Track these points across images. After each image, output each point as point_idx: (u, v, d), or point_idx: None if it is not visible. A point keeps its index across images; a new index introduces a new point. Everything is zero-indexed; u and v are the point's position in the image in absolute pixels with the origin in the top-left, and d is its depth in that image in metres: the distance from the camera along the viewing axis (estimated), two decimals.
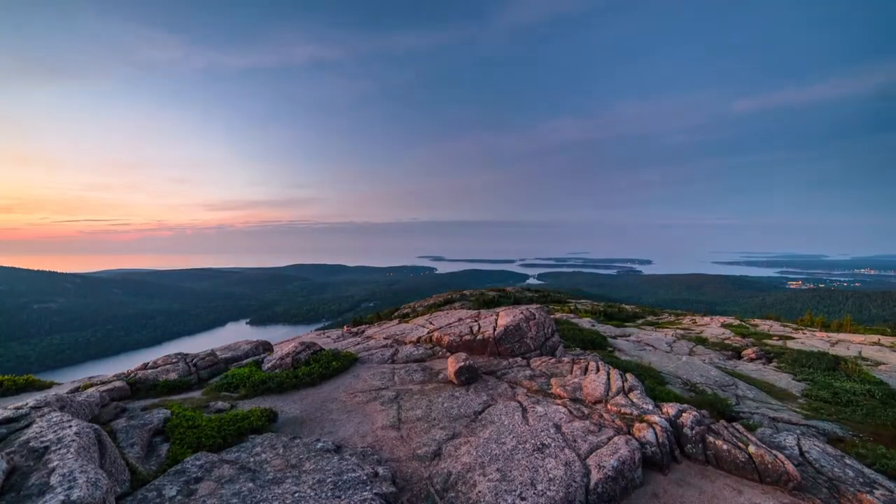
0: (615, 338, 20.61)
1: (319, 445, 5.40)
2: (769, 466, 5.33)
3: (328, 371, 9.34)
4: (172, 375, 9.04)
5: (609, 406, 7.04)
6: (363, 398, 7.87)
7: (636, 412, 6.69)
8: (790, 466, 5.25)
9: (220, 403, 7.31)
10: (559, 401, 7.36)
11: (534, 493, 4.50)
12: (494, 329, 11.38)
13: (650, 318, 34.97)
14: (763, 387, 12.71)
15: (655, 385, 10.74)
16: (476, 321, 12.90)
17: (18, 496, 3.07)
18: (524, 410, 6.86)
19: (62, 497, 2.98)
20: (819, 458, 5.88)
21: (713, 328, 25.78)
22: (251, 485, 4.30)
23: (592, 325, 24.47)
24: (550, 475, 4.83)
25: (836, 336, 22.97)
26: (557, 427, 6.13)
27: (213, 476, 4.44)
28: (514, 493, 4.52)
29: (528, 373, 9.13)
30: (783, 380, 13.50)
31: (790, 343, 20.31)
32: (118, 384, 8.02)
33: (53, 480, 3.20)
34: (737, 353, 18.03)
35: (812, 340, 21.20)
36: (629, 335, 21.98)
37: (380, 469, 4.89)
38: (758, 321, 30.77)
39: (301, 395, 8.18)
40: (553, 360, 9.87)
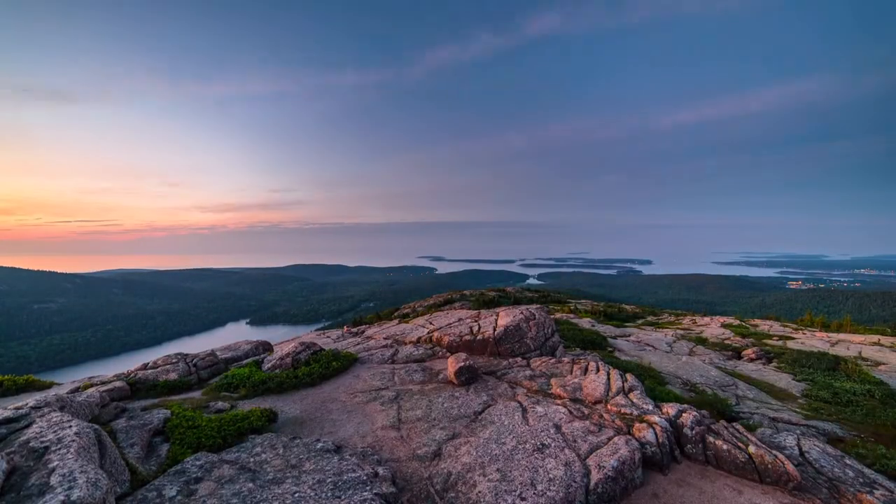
0: (615, 338, 20.61)
1: (319, 446, 5.40)
2: (769, 466, 5.33)
3: (328, 371, 9.35)
4: (172, 376, 9.04)
5: (609, 406, 7.04)
6: (363, 398, 7.87)
7: (636, 412, 6.69)
8: (790, 466, 5.25)
9: (220, 403, 7.31)
10: (559, 401, 7.36)
11: (534, 494, 4.50)
12: (494, 329, 11.38)
13: (650, 319, 34.96)
14: (763, 387, 12.71)
15: (655, 385, 10.74)
16: (476, 321, 12.89)
17: (18, 496, 3.07)
18: (524, 410, 6.86)
19: (62, 497, 2.98)
20: (819, 459, 5.87)
21: (713, 328, 25.77)
22: (251, 485, 4.29)
23: (592, 326, 24.47)
24: (550, 475, 4.83)
25: (836, 336, 22.96)
26: (557, 427, 6.13)
27: (213, 476, 4.44)
28: (514, 494, 4.52)
29: (529, 373, 9.13)
30: (783, 380, 13.50)
31: (790, 343, 20.31)
32: (118, 384, 8.02)
33: (53, 480, 3.20)
34: (737, 354, 18.02)
35: (812, 341, 21.19)
36: (629, 335, 21.97)
37: (380, 469, 4.89)
38: (758, 321, 30.76)
39: (301, 396, 8.18)
40: (553, 361, 9.87)
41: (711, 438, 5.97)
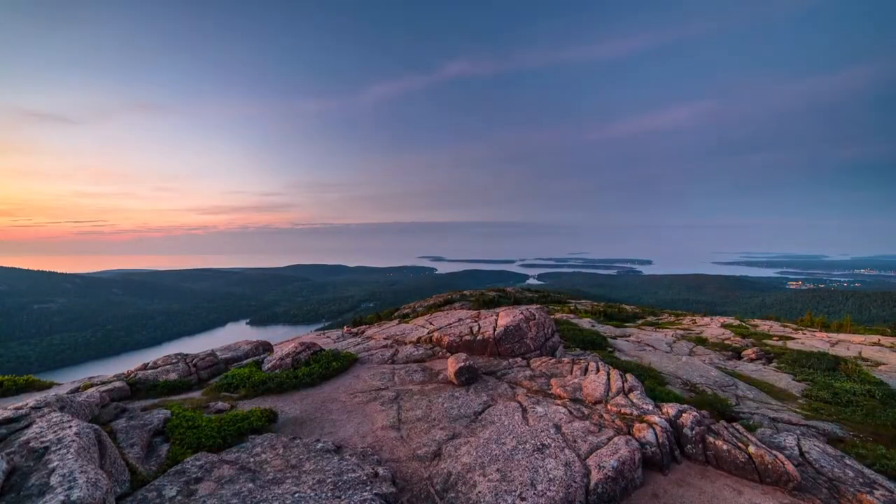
0: (615, 338, 20.61)
1: (319, 446, 5.40)
2: (769, 467, 5.33)
3: (328, 371, 9.35)
4: (172, 376, 9.04)
5: (609, 406, 7.04)
6: (363, 398, 7.87)
7: (636, 412, 6.69)
8: (790, 467, 5.25)
9: (220, 404, 7.31)
10: (559, 401, 7.36)
11: (534, 494, 4.50)
12: (494, 329, 11.38)
13: (650, 319, 34.97)
14: (763, 387, 12.71)
15: (655, 385, 10.74)
16: (476, 321, 12.90)
17: (18, 496, 3.07)
18: (524, 411, 6.86)
19: (62, 497, 2.98)
20: (819, 459, 5.87)
21: (713, 328, 25.77)
22: (251, 485, 4.29)
23: (592, 326, 24.47)
24: (550, 475, 4.83)
25: (836, 336, 22.96)
26: (557, 427, 6.13)
27: (213, 476, 4.44)
28: (514, 494, 4.52)
29: (529, 373, 9.13)
30: (783, 380, 13.50)
31: (790, 343, 20.31)
32: (118, 384, 8.02)
33: (53, 481, 3.20)
34: (737, 354, 18.02)
35: (812, 341, 21.19)
36: (629, 335, 21.97)
37: (380, 469, 4.89)
38: (758, 321, 30.76)
39: (301, 396, 8.18)
40: (553, 361, 9.87)
41: (711, 438, 5.97)
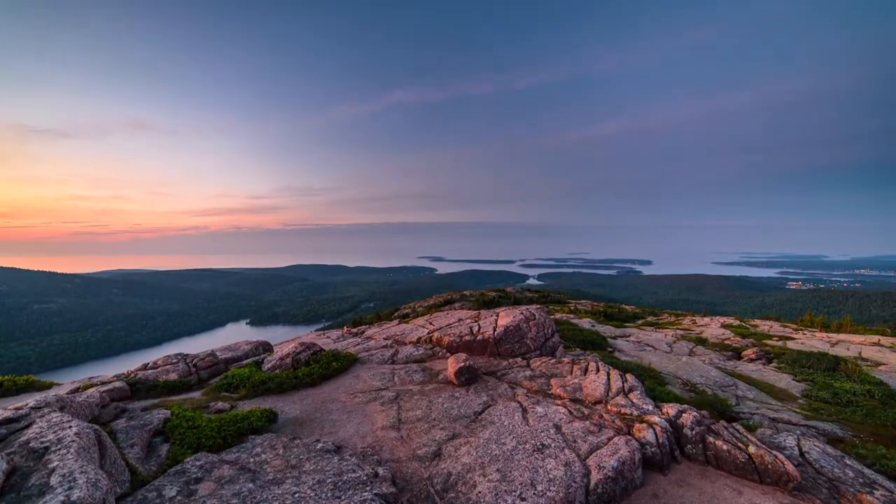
0: (615, 338, 20.61)
1: (319, 446, 5.40)
2: (769, 467, 5.33)
3: (328, 371, 9.34)
4: (172, 376, 9.04)
5: (609, 406, 7.04)
6: (363, 399, 7.87)
7: (636, 413, 6.69)
8: (790, 467, 5.25)
9: (220, 404, 7.31)
10: (559, 401, 7.36)
11: (534, 494, 4.50)
12: (494, 329, 11.38)
13: (650, 319, 34.97)
14: (763, 387, 12.71)
15: (655, 385, 10.74)
16: (476, 322, 12.90)
17: (18, 496, 3.07)
18: (524, 411, 6.86)
19: (62, 497, 2.98)
20: (819, 459, 5.87)
21: (713, 329, 25.77)
22: (251, 485, 4.29)
23: (592, 326, 24.47)
24: (550, 476, 4.83)
25: (836, 336, 22.96)
26: (557, 427, 6.13)
27: (213, 476, 4.44)
28: (514, 494, 4.52)
29: (529, 373, 9.13)
30: (783, 380, 13.50)
31: (790, 343, 20.31)
32: (118, 385, 8.02)
33: (53, 481, 3.20)
34: (737, 354, 18.02)
35: (812, 341, 21.19)
36: (629, 336, 21.97)
37: (380, 469, 4.89)
38: (758, 322, 30.77)
39: (301, 396, 8.18)
40: (553, 361, 9.87)
41: (711, 439, 5.97)
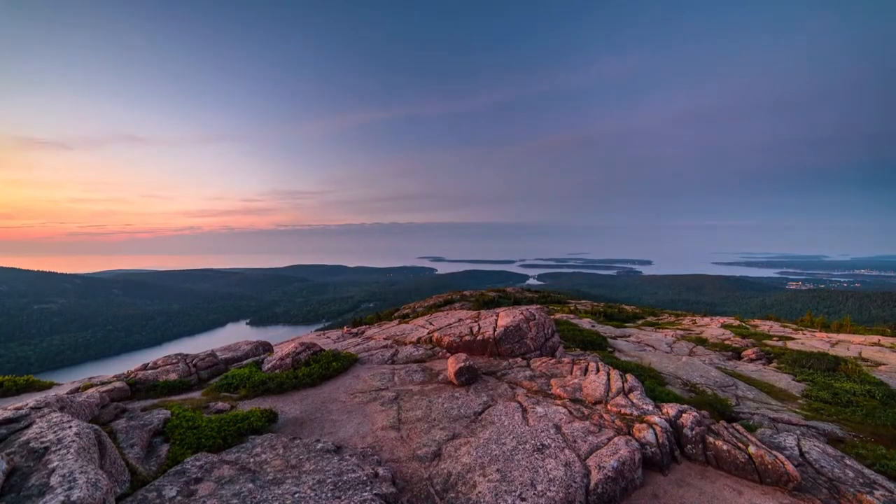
0: (615, 338, 20.61)
1: (319, 446, 5.40)
2: (769, 467, 5.33)
3: (328, 372, 9.34)
4: (172, 376, 9.04)
5: (609, 407, 7.04)
6: (363, 399, 7.87)
7: (636, 413, 6.69)
8: (790, 467, 5.25)
9: (220, 404, 7.31)
10: (559, 401, 7.36)
11: (534, 494, 4.50)
12: (494, 329, 11.38)
13: (650, 319, 34.98)
14: (763, 387, 12.71)
15: (655, 386, 10.74)
16: (476, 322, 12.89)
17: (18, 497, 3.07)
18: (524, 411, 6.86)
19: (62, 497, 2.98)
20: (819, 459, 5.87)
21: (713, 329, 25.77)
22: (251, 485, 4.29)
23: (592, 326, 24.48)
24: (550, 476, 4.83)
25: (836, 336, 22.96)
26: (557, 427, 6.13)
27: (213, 476, 4.44)
28: (514, 494, 4.52)
29: (529, 373, 9.13)
30: (783, 380, 13.50)
31: (790, 344, 20.31)
32: (118, 385, 8.01)
33: (53, 481, 3.20)
34: (737, 354, 18.03)
35: (812, 341, 21.19)
36: (629, 336, 21.97)
37: (380, 469, 4.89)
38: (758, 322, 30.78)
39: (301, 396, 8.18)
40: (553, 361, 9.87)
41: (711, 439, 5.97)
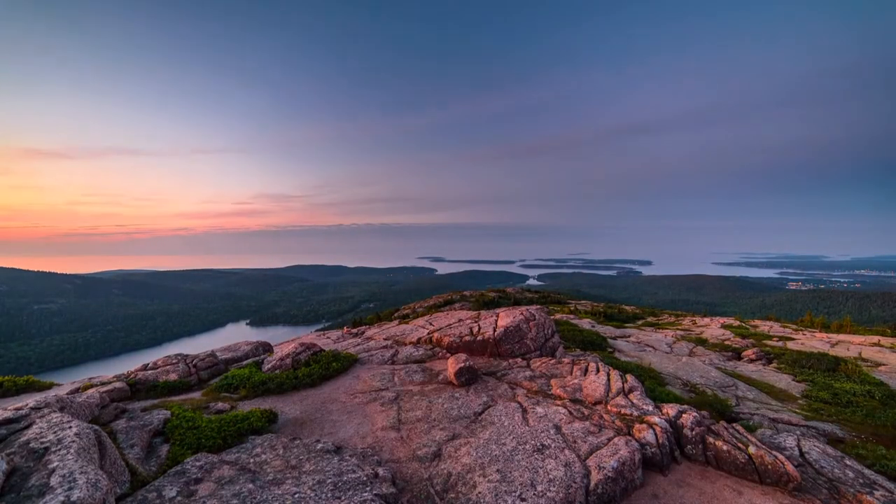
0: (615, 339, 20.61)
1: (319, 446, 5.40)
2: (769, 467, 5.33)
3: (328, 372, 9.34)
4: (172, 376, 9.04)
5: (609, 407, 7.04)
6: (363, 399, 7.87)
7: (636, 413, 6.69)
8: (790, 467, 5.25)
9: (220, 404, 7.31)
10: (559, 402, 7.36)
11: (534, 494, 4.50)
12: (494, 330, 11.38)
13: (650, 319, 34.98)
14: (763, 388, 12.71)
15: (655, 386, 10.74)
16: (476, 322, 12.90)
17: (18, 497, 3.07)
18: (524, 411, 6.86)
19: (62, 498, 2.98)
20: (819, 459, 5.87)
21: (713, 329, 25.77)
22: (251, 486, 4.29)
23: (592, 326, 24.48)
24: (550, 476, 4.83)
25: (836, 337, 22.96)
26: (557, 428, 6.13)
27: (213, 477, 4.44)
28: (514, 494, 4.52)
29: (529, 374, 9.13)
30: (783, 381, 13.50)
31: (790, 344, 20.31)
32: (118, 385, 8.01)
33: (53, 481, 3.20)
34: (737, 354, 18.03)
35: (812, 341, 21.19)
36: (629, 336, 21.97)
37: (380, 470, 4.89)
38: (758, 322, 30.78)
39: (301, 396, 8.18)
40: (553, 361, 9.87)
41: (711, 439, 5.97)
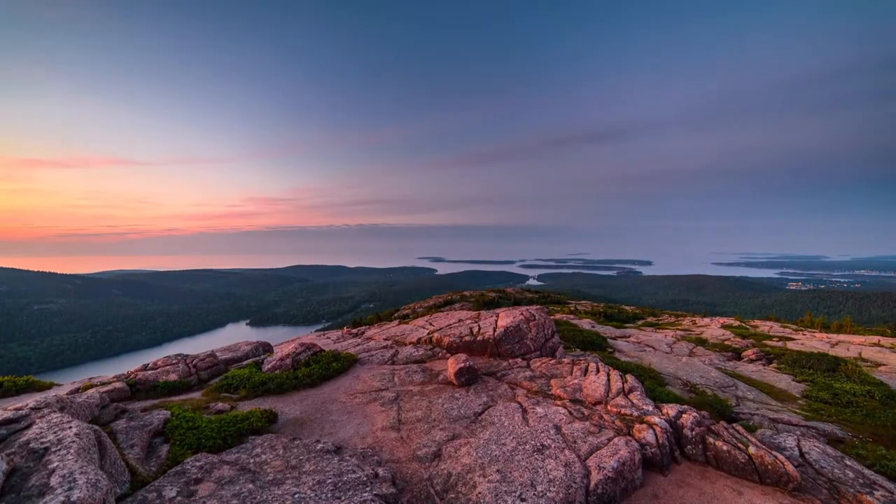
0: (615, 339, 20.61)
1: (319, 446, 5.40)
2: (769, 467, 5.33)
3: (328, 372, 9.34)
4: (172, 376, 9.04)
5: (609, 407, 7.04)
6: (363, 399, 7.87)
7: (636, 413, 6.69)
8: (790, 467, 5.25)
9: (220, 404, 7.31)
10: (559, 402, 7.36)
11: (534, 494, 4.50)
12: (494, 330, 11.38)
13: (650, 320, 34.98)
14: (763, 388, 12.71)
15: (655, 386, 10.74)
16: (476, 322, 12.89)
17: (19, 497, 3.07)
18: (524, 411, 6.86)
19: (62, 498, 2.98)
20: (819, 459, 5.87)
21: (713, 329, 25.77)
22: (251, 486, 4.29)
23: (592, 326, 24.48)
24: (550, 476, 4.83)
25: (836, 337, 22.96)
26: (557, 428, 6.13)
27: (213, 477, 4.44)
28: (514, 494, 4.52)
29: (529, 374, 9.13)
30: (783, 381, 13.50)
31: (790, 344, 20.31)
32: (118, 385, 8.01)
33: (53, 481, 3.20)
34: (737, 355, 18.03)
35: (812, 341, 21.19)
36: (629, 336, 21.97)
37: (380, 470, 4.89)
38: (758, 322, 30.78)
39: (301, 396, 8.18)
40: (553, 362, 9.86)
41: (711, 439, 5.97)
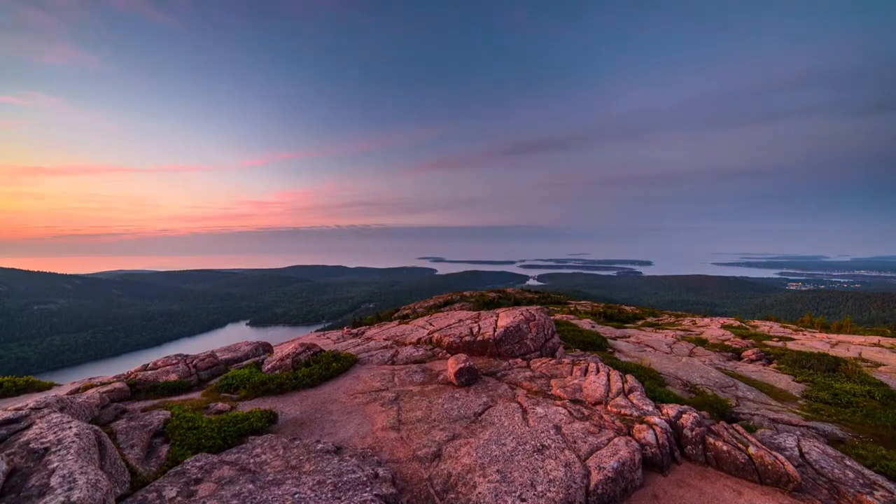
0: (615, 339, 20.60)
1: (319, 447, 5.40)
2: (769, 468, 5.33)
3: (328, 372, 9.34)
4: (172, 377, 9.04)
5: (609, 407, 7.04)
6: (363, 399, 7.86)
7: (636, 413, 6.69)
8: (790, 467, 5.25)
9: (220, 405, 7.31)
10: (559, 402, 7.36)
11: (534, 495, 4.50)
12: (494, 330, 11.38)
13: (650, 320, 34.96)
14: (763, 388, 12.70)
15: (655, 386, 10.73)
16: (476, 322, 12.89)
17: (19, 497, 3.07)
18: (524, 412, 6.86)
19: (62, 498, 2.98)
20: (819, 460, 5.87)
21: (713, 329, 25.76)
22: (251, 486, 4.29)
23: (592, 327, 24.47)
24: (550, 476, 4.83)
25: (836, 337, 22.95)
26: (557, 428, 6.13)
27: (213, 477, 4.44)
28: (515, 495, 4.52)
29: (529, 374, 9.13)
30: (783, 381, 13.49)
31: (790, 344, 20.30)
32: (118, 385, 8.01)
33: (53, 482, 3.20)
34: (737, 355, 18.02)
35: (812, 342, 21.18)
36: (629, 336, 21.97)
37: (380, 470, 4.89)
38: (758, 322, 30.77)
39: (301, 397, 8.18)
40: (553, 362, 9.86)
41: (711, 439, 5.97)
